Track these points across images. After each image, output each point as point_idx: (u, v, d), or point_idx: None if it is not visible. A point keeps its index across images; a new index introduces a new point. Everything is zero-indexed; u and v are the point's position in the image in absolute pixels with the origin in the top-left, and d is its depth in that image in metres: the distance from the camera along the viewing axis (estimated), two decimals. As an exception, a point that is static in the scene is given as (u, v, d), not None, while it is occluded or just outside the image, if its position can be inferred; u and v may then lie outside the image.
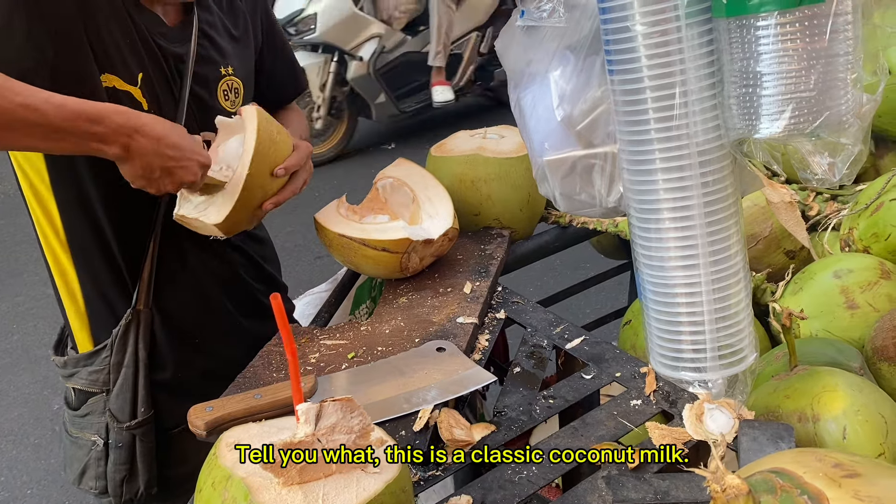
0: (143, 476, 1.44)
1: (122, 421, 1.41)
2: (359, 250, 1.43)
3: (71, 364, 1.45)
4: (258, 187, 1.32)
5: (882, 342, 1.26)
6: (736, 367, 1.07)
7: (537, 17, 1.06)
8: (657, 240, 1.03)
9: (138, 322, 1.41)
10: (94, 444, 1.44)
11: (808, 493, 0.64)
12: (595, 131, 1.09)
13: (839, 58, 0.84)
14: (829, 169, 0.89)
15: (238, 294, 1.59)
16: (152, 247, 1.41)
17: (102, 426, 1.43)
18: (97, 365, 1.42)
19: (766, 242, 1.64)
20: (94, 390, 1.44)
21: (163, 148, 1.18)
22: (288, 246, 4.38)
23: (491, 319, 1.40)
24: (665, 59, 0.95)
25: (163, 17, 1.39)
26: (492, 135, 1.75)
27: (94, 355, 1.43)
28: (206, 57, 1.44)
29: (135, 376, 1.41)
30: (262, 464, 0.76)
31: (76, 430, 1.46)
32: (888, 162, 1.85)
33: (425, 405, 1.12)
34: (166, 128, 1.20)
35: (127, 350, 1.41)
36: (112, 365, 1.42)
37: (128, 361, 1.41)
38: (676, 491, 0.94)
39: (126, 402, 1.41)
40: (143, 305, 1.41)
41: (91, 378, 1.43)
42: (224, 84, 1.48)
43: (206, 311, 1.53)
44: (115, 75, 1.29)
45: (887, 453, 1.06)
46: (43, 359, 3.77)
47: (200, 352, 1.52)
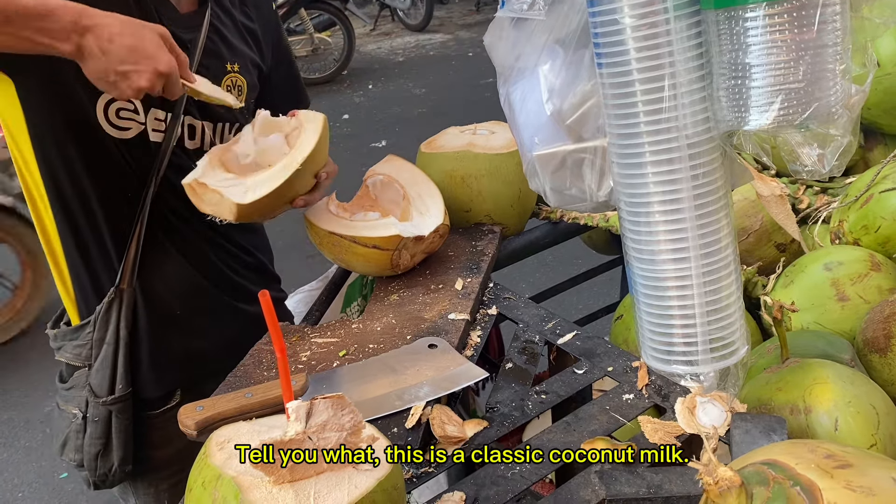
0: (117, 452, 1.46)
1: (100, 396, 1.43)
2: (349, 248, 1.43)
3: (59, 337, 1.48)
4: (298, 184, 1.34)
5: (872, 334, 1.27)
6: (727, 360, 1.07)
7: (518, 9, 1.06)
8: (647, 233, 1.03)
9: (121, 300, 1.43)
10: (74, 416, 1.46)
11: (801, 484, 0.64)
12: (585, 125, 1.08)
13: (828, 49, 0.84)
14: (819, 160, 0.89)
15: (225, 279, 1.59)
16: (139, 226, 1.41)
17: (83, 400, 1.45)
18: (81, 340, 1.45)
19: (756, 236, 1.64)
20: (78, 364, 1.46)
21: (115, 49, 1.12)
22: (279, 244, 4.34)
23: (483, 316, 1.40)
24: (654, 51, 0.94)
25: (175, 4, 1.42)
26: (482, 130, 1.74)
27: (79, 330, 1.45)
28: (214, 51, 1.46)
29: (115, 353, 1.43)
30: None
31: (62, 403, 1.49)
32: (878, 154, 1.86)
33: (417, 402, 1.11)
34: (122, 29, 1.14)
35: (109, 327, 1.43)
36: (94, 341, 1.44)
37: (109, 339, 1.43)
38: (669, 484, 0.94)
39: (105, 378, 1.43)
40: (126, 285, 1.42)
41: (75, 352, 1.46)
42: (228, 80, 1.49)
43: (191, 294, 1.53)
44: None
45: (879, 444, 1.07)
46: (33, 361, 3.75)
47: (184, 333, 1.53)
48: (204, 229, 1.48)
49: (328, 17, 8.17)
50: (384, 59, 9.26)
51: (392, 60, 9.18)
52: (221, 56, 1.48)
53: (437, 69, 8.55)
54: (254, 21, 1.58)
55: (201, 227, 1.45)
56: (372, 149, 6.20)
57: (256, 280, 1.66)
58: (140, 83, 1.15)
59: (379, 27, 10.85)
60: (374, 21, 10.80)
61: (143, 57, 1.15)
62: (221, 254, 1.58)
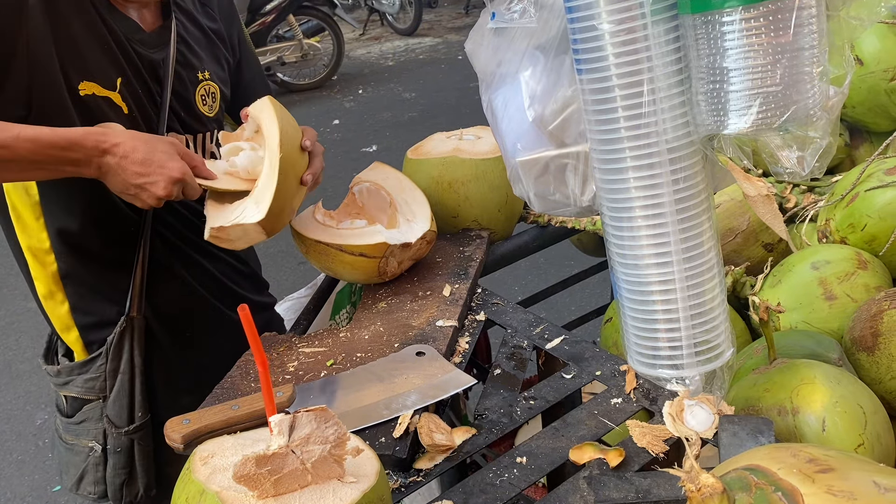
0: (142, 479, 1.45)
1: (120, 426, 1.42)
2: (336, 256, 1.42)
3: (65, 373, 1.45)
4: (291, 168, 1.33)
5: (860, 332, 1.27)
6: (713, 364, 1.07)
7: (508, 19, 1.06)
8: (630, 238, 1.03)
9: (132, 328, 1.42)
10: (91, 450, 1.45)
11: (783, 489, 0.64)
12: (567, 130, 1.08)
13: (805, 51, 0.84)
14: (799, 162, 0.89)
15: (226, 291, 1.60)
16: (141, 251, 1.41)
17: (100, 432, 1.44)
18: (92, 373, 1.43)
19: (744, 236, 1.65)
20: (91, 397, 1.44)
21: (129, 165, 1.20)
22: (270, 251, 4.35)
23: (471, 322, 1.39)
24: (632, 56, 0.94)
25: (139, 22, 1.40)
26: (468, 136, 1.74)
27: (89, 363, 1.43)
28: (184, 62, 1.45)
29: (131, 382, 1.42)
30: (237, 477, 0.75)
31: (71, 437, 1.47)
32: (863, 152, 1.86)
33: (405, 410, 1.11)
34: (135, 145, 1.21)
35: (122, 357, 1.42)
36: (108, 372, 1.42)
37: (123, 368, 1.42)
38: (658, 489, 0.94)
39: (123, 407, 1.42)
40: (136, 312, 1.42)
41: (87, 386, 1.44)
42: (202, 89, 1.50)
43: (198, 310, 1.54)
44: (93, 82, 1.30)
45: (866, 444, 1.07)
46: (25, 374, 3.73)
47: (192, 347, 1.53)
48: (202, 243, 1.48)
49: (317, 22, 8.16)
50: (374, 64, 9.25)
51: (382, 65, 9.18)
52: (192, 66, 1.48)
53: (426, 73, 8.55)
54: (216, 20, 1.58)
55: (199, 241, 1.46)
56: (362, 154, 6.19)
57: (251, 288, 1.67)
58: (157, 192, 1.22)
59: (368, 32, 10.85)
60: (363, 26, 10.80)
61: (156, 167, 1.21)
62: (220, 266, 1.59)
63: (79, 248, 1.40)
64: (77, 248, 1.40)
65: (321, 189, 1.49)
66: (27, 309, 4.24)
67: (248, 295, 1.65)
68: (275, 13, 7.41)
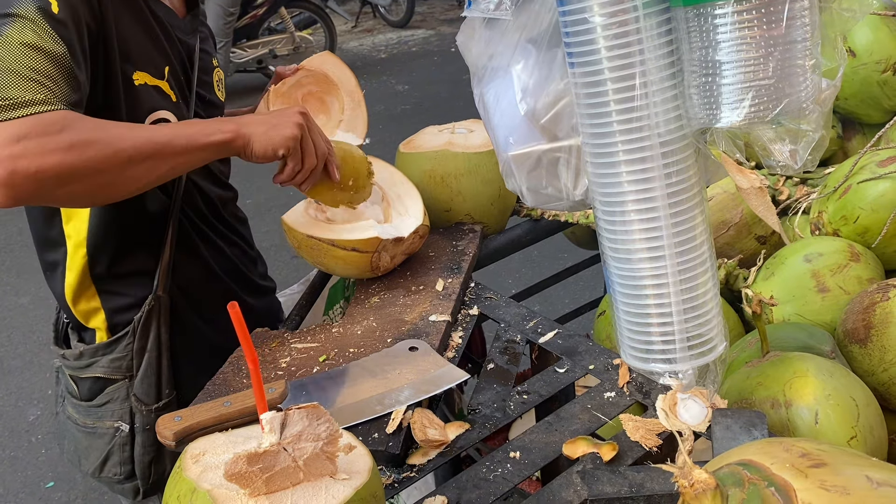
0: (169, 455, 1.45)
1: (149, 404, 1.43)
2: (328, 251, 1.42)
3: (88, 355, 1.45)
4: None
5: (853, 325, 1.27)
6: (706, 357, 1.07)
7: (484, 9, 1.05)
8: (623, 232, 1.03)
9: (159, 307, 1.43)
10: (117, 430, 1.45)
11: (776, 484, 0.64)
12: (559, 124, 1.08)
13: (797, 44, 0.84)
14: (791, 156, 0.88)
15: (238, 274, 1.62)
16: (171, 230, 1.42)
17: (125, 412, 1.44)
18: (119, 352, 1.43)
19: (737, 229, 1.65)
20: (117, 377, 1.44)
21: (261, 120, 1.29)
22: (264, 245, 4.32)
23: (464, 316, 1.39)
24: (624, 49, 0.94)
25: (176, 12, 1.44)
26: (460, 129, 1.74)
27: (115, 343, 1.43)
28: (205, 49, 1.50)
29: (158, 360, 1.43)
30: (228, 475, 0.74)
31: (93, 420, 1.46)
32: (856, 144, 1.87)
33: (398, 406, 1.10)
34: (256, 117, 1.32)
35: (150, 335, 1.43)
36: (135, 350, 1.43)
37: (150, 346, 1.43)
38: (651, 483, 0.94)
39: (151, 385, 1.43)
40: (162, 290, 1.43)
41: (113, 366, 1.44)
42: (216, 75, 1.56)
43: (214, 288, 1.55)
44: (145, 72, 1.32)
45: (859, 436, 1.07)
46: (17, 370, 3.71)
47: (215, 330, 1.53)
48: (221, 227, 1.53)
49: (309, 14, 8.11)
50: (366, 57, 9.21)
51: (374, 57, 9.14)
52: (210, 53, 1.54)
53: (419, 65, 8.52)
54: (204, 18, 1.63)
55: (219, 225, 1.51)
56: (355, 147, 6.16)
57: (257, 273, 1.70)
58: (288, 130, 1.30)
59: (360, 24, 10.80)
60: (355, 18, 10.75)
61: (285, 115, 1.32)
62: (235, 250, 1.61)
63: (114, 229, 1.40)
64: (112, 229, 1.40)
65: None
66: (17, 305, 4.22)
67: (256, 279, 1.68)
68: (266, 5, 7.37)
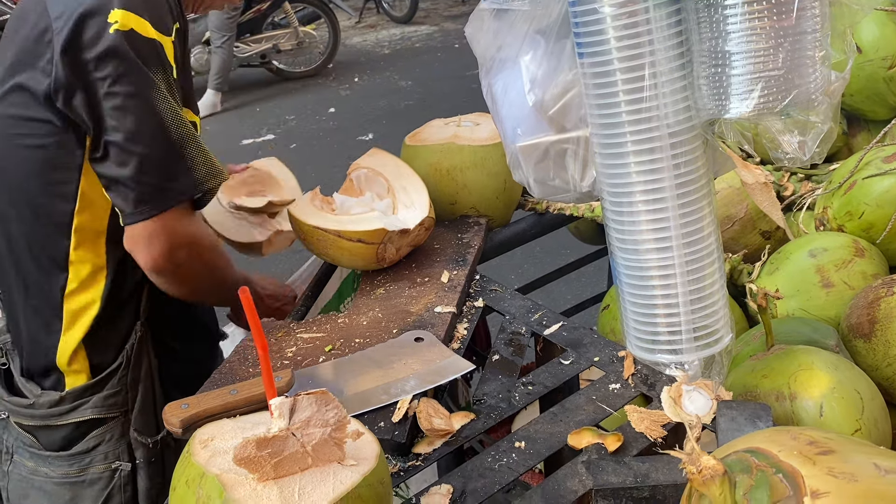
0: None
1: (152, 436, 1.39)
2: (334, 242, 1.42)
3: (70, 398, 1.35)
4: None
5: (857, 319, 1.27)
6: (712, 349, 1.07)
7: (500, 0, 1.05)
8: (630, 223, 1.03)
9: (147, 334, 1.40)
10: (115, 471, 1.38)
11: (784, 471, 0.64)
12: (567, 115, 1.08)
13: (807, 35, 0.84)
14: (800, 147, 0.89)
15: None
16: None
17: (123, 450, 1.38)
18: (111, 387, 1.36)
19: (741, 223, 1.65)
20: (111, 415, 1.37)
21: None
22: (267, 240, 4.34)
23: (469, 308, 1.39)
24: (634, 40, 0.94)
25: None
26: (466, 122, 1.74)
27: (106, 379, 1.36)
28: None
29: (152, 389, 1.40)
30: (237, 460, 0.75)
31: (76, 469, 1.38)
32: (861, 140, 1.87)
33: (404, 395, 1.11)
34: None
35: (142, 364, 1.39)
36: (129, 383, 1.37)
37: (143, 375, 1.39)
38: (656, 473, 0.94)
39: (150, 415, 1.39)
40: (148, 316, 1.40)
41: (108, 403, 1.37)
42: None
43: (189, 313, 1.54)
44: (188, 108, 1.35)
45: (863, 429, 1.07)
46: None
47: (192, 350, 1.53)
48: None
49: (312, 10, 8.10)
50: (370, 52, 9.21)
51: (378, 53, 9.14)
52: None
53: (423, 61, 8.52)
54: None
55: None
56: (359, 142, 6.17)
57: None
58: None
59: (364, 20, 10.79)
60: (358, 13, 10.73)
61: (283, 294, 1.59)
62: None
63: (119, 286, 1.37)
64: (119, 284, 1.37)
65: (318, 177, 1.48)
66: None
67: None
68: (270, 0, 7.37)
